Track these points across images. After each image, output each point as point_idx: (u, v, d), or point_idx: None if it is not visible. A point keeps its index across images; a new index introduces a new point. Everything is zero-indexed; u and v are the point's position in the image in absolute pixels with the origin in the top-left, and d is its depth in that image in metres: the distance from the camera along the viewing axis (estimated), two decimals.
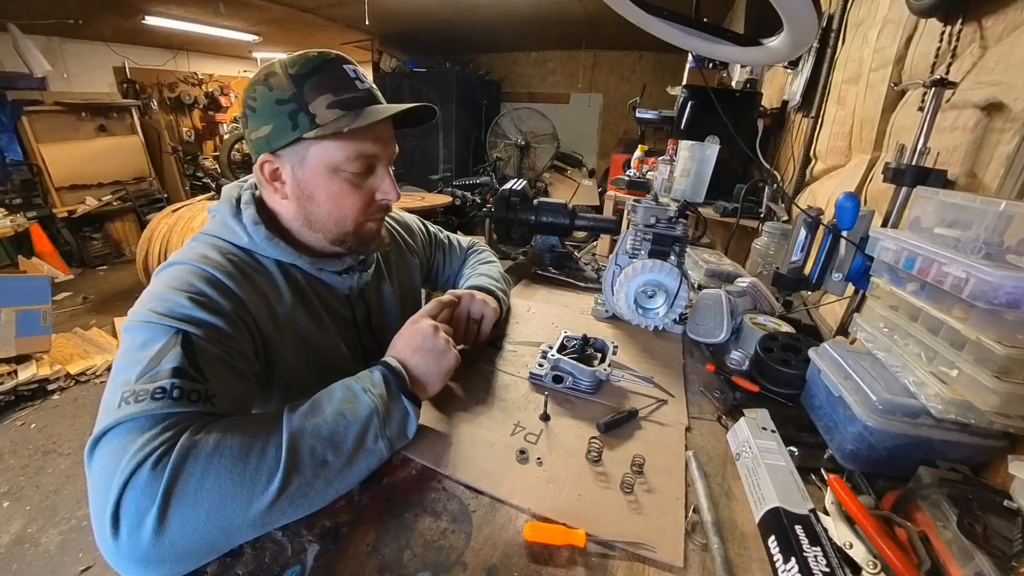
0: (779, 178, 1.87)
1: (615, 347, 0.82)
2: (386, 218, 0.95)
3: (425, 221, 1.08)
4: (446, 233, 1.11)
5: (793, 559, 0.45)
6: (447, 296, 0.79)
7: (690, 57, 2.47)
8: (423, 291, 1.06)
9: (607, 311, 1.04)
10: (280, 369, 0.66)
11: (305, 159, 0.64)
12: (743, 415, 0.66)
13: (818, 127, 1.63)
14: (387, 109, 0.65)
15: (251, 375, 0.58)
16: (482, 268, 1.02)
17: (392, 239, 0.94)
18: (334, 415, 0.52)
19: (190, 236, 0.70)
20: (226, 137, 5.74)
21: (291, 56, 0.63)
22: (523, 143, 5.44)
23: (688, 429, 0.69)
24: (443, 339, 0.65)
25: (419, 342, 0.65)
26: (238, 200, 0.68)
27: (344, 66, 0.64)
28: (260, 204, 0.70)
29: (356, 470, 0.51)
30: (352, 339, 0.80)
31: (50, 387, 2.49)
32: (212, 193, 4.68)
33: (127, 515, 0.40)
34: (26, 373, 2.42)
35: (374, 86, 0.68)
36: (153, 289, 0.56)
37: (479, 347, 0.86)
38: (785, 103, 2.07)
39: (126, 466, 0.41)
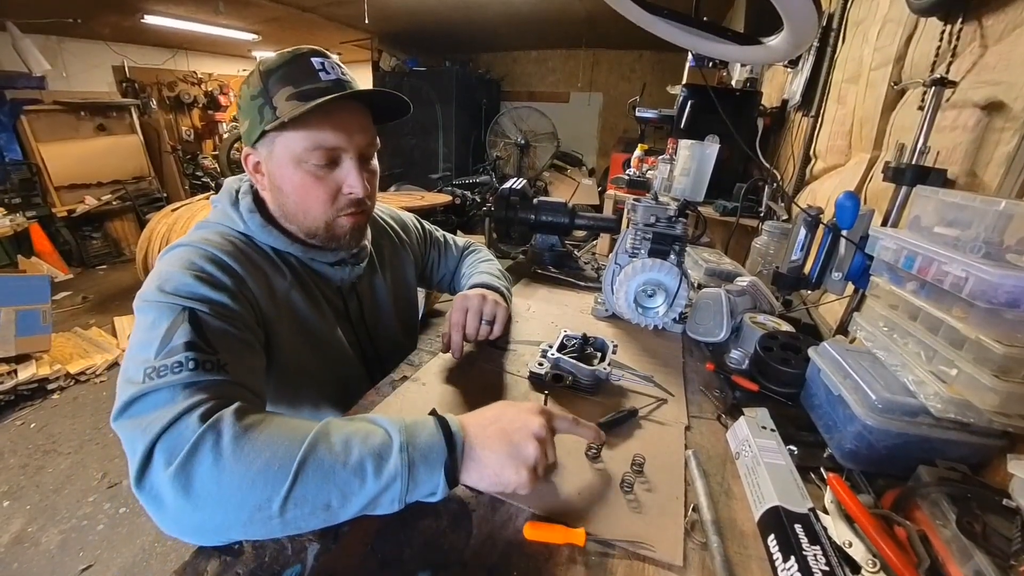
0: (779, 177, 1.87)
1: (615, 346, 0.82)
2: (380, 213, 0.96)
3: (421, 219, 1.08)
4: (442, 232, 1.11)
5: (792, 558, 0.45)
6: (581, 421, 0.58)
7: (690, 56, 2.46)
8: (420, 291, 1.06)
9: (607, 310, 1.04)
10: (277, 349, 0.68)
11: (272, 151, 0.66)
12: (743, 414, 0.66)
13: (818, 126, 1.63)
14: (336, 94, 0.63)
15: (258, 345, 0.61)
16: (483, 266, 1.02)
17: (386, 234, 0.95)
18: (357, 464, 0.44)
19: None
20: (225, 136, 5.73)
21: (270, 55, 0.66)
22: (523, 142, 5.44)
23: (688, 428, 0.69)
24: (535, 451, 0.48)
25: (509, 429, 0.49)
26: (237, 191, 0.72)
27: (312, 59, 0.65)
28: (256, 195, 0.73)
29: (355, 516, 0.46)
30: (347, 332, 0.81)
31: (50, 386, 2.49)
32: (212, 192, 4.68)
33: (156, 460, 0.43)
34: (26, 373, 2.42)
35: (348, 79, 0.67)
36: (159, 269, 0.59)
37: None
38: (785, 102, 2.07)
39: (163, 419, 0.44)
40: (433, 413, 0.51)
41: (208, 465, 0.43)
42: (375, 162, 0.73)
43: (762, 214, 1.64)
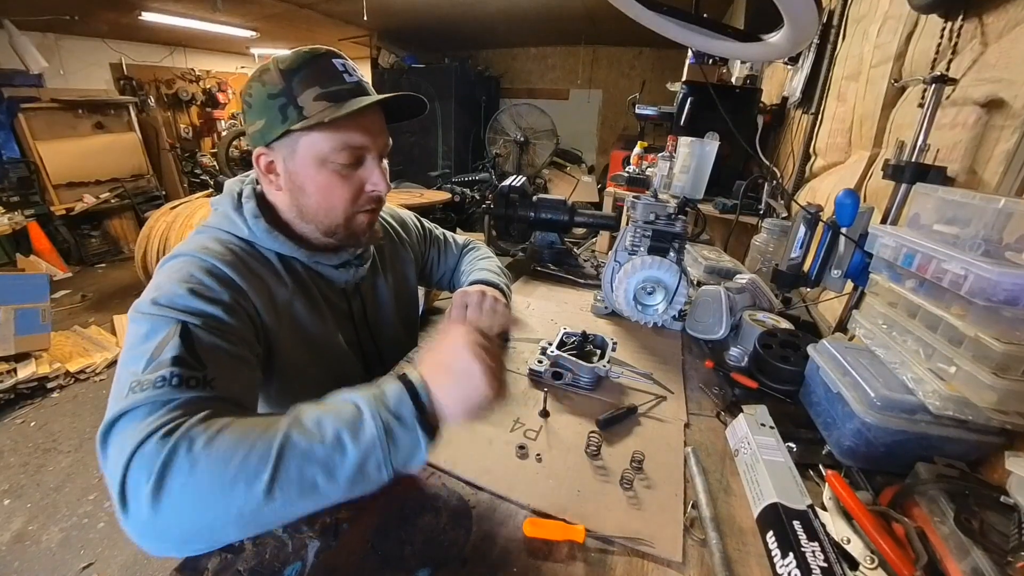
0: (779, 175, 1.87)
1: (614, 343, 0.82)
2: (381, 212, 0.96)
3: (421, 218, 1.08)
4: (441, 230, 1.11)
5: (791, 554, 0.45)
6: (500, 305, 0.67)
7: (690, 53, 2.46)
8: (420, 289, 1.06)
9: (606, 307, 1.04)
10: (278, 356, 0.68)
11: (295, 151, 0.65)
12: (742, 411, 0.67)
13: (818, 123, 1.62)
14: (371, 98, 0.65)
15: (253, 359, 0.60)
16: (483, 263, 1.03)
17: (386, 233, 0.95)
18: (334, 438, 0.45)
19: (189, 233, 0.71)
20: (224, 134, 5.72)
21: (285, 53, 0.65)
22: (522, 139, 5.42)
23: (687, 425, 0.69)
24: (478, 362, 0.49)
25: (448, 359, 0.51)
26: (239, 194, 0.71)
27: (333, 60, 0.65)
28: (261, 198, 0.72)
29: (350, 493, 0.46)
30: (349, 333, 0.81)
31: (49, 385, 2.49)
32: (211, 190, 4.67)
33: (130, 487, 0.42)
34: (25, 371, 2.42)
35: (365, 80, 0.68)
36: (157, 280, 0.59)
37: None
38: (785, 99, 2.07)
39: (131, 442, 0.44)
40: (401, 377, 0.51)
41: (184, 476, 0.42)
42: (386, 161, 0.74)
43: (762, 212, 1.64)
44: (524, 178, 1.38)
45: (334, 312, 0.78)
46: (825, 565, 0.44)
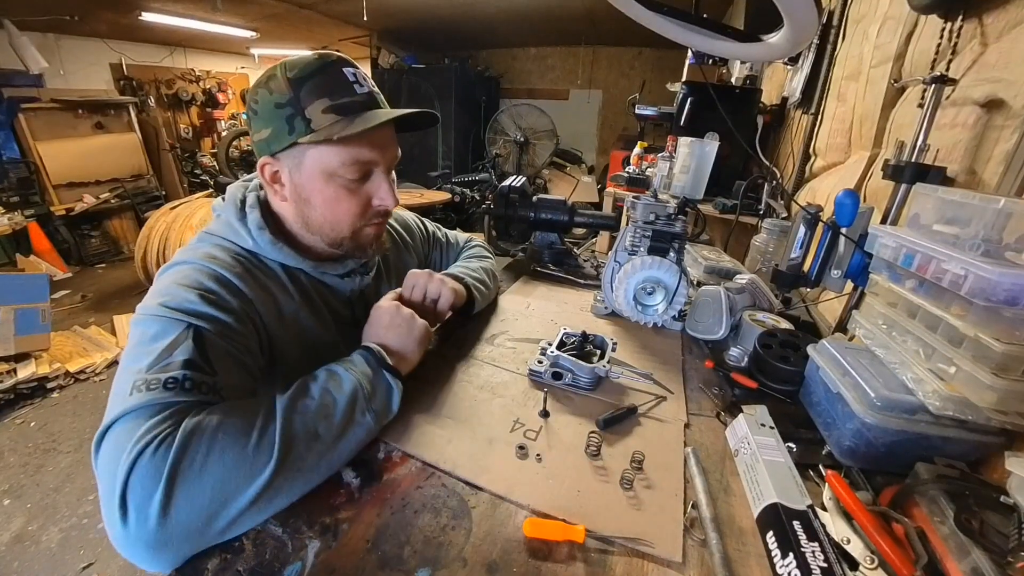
0: (778, 175, 1.87)
1: (614, 344, 0.82)
2: None
3: (424, 219, 1.08)
4: (444, 231, 1.11)
5: (791, 554, 0.45)
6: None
7: (690, 53, 2.46)
8: None
9: (606, 308, 1.04)
10: (282, 366, 0.68)
11: (302, 163, 0.64)
12: (742, 411, 0.67)
13: (818, 124, 1.62)
14: (383, 115, 0.64)
15: (256, 370, 0.60)
16: (465, 261, 1.03)
17: (392, 239, 0.95)
18: (321, 393, 0.54)
19: (188, 233, 0.72)
20: (224, 134, 5.72)
21: (293, 59, 0.63)
22: (522, 139, 5.43)
23: (687, 425, 0.69)
24: (407, 312, 0.69)
25: (387, 321, 0.68)
26: (243, 202, 0.69)
27: (344, 69, 0.64)
28: (265, 206, 0.70)
29: (347, 443, 0.54)
30: (353, 339, 0.81)
31: (49, 385, 2.49)
32: (211, 191, 4.67)
33: (134, 498, 0.41)
34: (25, 371, 2.42)
35: (375, 89, 0.67)
36: (163, 285, 0.57)
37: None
38: (785, 99, 2.07)
39: (132, 450, 0.42)
40: (358, 349, 0.64)
41: (196, 471, 0.43)
42: (393, 172, 0.73)
43: (761, 212, 1.64)
44: (524, 178, 1.38)
45: (337, 320, 0.77)
46: (825, 565, 0.44)
